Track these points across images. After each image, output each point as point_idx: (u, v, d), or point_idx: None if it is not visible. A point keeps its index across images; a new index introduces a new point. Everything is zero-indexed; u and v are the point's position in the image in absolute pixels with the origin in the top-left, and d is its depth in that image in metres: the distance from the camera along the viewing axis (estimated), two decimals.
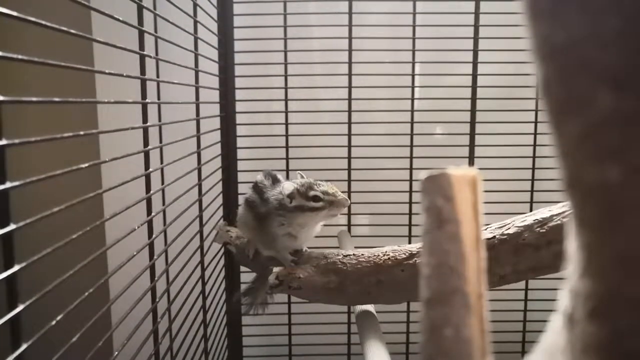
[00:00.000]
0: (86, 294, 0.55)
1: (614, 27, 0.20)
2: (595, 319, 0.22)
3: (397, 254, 0.95)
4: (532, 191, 1.37)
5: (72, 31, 0.52)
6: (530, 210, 0.95)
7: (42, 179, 0.47)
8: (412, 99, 1.34)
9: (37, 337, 0.46)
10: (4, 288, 0.43)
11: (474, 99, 1.34)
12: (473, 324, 0.29)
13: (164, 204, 0.88)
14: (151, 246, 0.79)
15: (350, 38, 1.31)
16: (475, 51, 1.32)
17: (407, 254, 0.95)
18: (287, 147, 1.37)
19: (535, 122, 1.34)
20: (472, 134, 1.35)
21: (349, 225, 1.41)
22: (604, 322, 0.22)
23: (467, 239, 0.30)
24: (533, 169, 1.36)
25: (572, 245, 0.25)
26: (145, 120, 0.77)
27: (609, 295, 0.22)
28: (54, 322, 0.48)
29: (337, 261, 0.97)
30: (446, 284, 0.30)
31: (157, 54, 0.84)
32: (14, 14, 0.43)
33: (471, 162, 1.36)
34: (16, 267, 0.43)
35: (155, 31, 0.84)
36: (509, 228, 0.89)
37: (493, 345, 0.30)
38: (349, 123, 1.35)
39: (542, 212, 0.88)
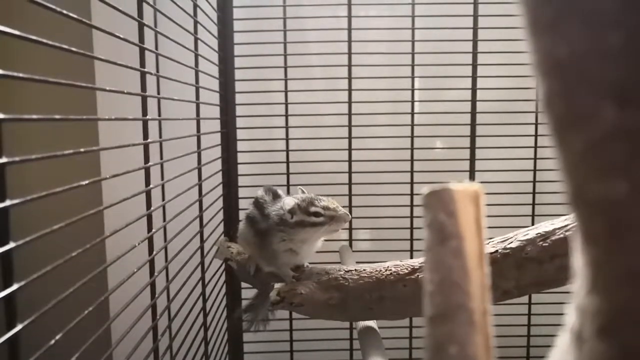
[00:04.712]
0: (85, 312, 0.55)
1: (617, 41, 0.19)
2: (604, 337, 0.22)
3: (399, 269, 0.94)
4: (533, 204, 1.36)
5: (74, 49, 0.52)
6: (532, 224, 0.95)
7: (42, 197, 0.47)
8: (412, 113, 1.35)
9: (36, 356, 0.45)
10: (2, 307, 0.42)
11: (473, 112, 1.34)
12: (478, 341, 0.29)
13: (164, 220, 0.88)
14: (152, 262, 0.78)
15: (350, 53, 1.32)
16: (475, 65, 1.32)
17: (409, 269, 0.94)
18: (287, 162, 1.37)
19: (536, 135, 1.34)
20: (473, 148, 1.35)
21: (351, 240, 1.40)
22: (612, 341, 0.21)
23: (471, 255, 0.30)
24: (534, 182, 1.36)
25: (578, 261, 0.24)
26: (146, 136, 0.77)
27: (617, 313, 0.21)
28: (52, 342, 0.48)
29: (339, 277, 0.97)
30: (450, 301, 0.29)
31: (157, 70, 0.84)
32: (16, 32, 0.43)
33: (472, 176, 1.36)
34: (15, 286, 0.43)
35: (156, 48, 0.84)
36: (511, 242, 0.88)
37: None
38: (350, 138, 1.35)
39: (544, 226, 0.87)
